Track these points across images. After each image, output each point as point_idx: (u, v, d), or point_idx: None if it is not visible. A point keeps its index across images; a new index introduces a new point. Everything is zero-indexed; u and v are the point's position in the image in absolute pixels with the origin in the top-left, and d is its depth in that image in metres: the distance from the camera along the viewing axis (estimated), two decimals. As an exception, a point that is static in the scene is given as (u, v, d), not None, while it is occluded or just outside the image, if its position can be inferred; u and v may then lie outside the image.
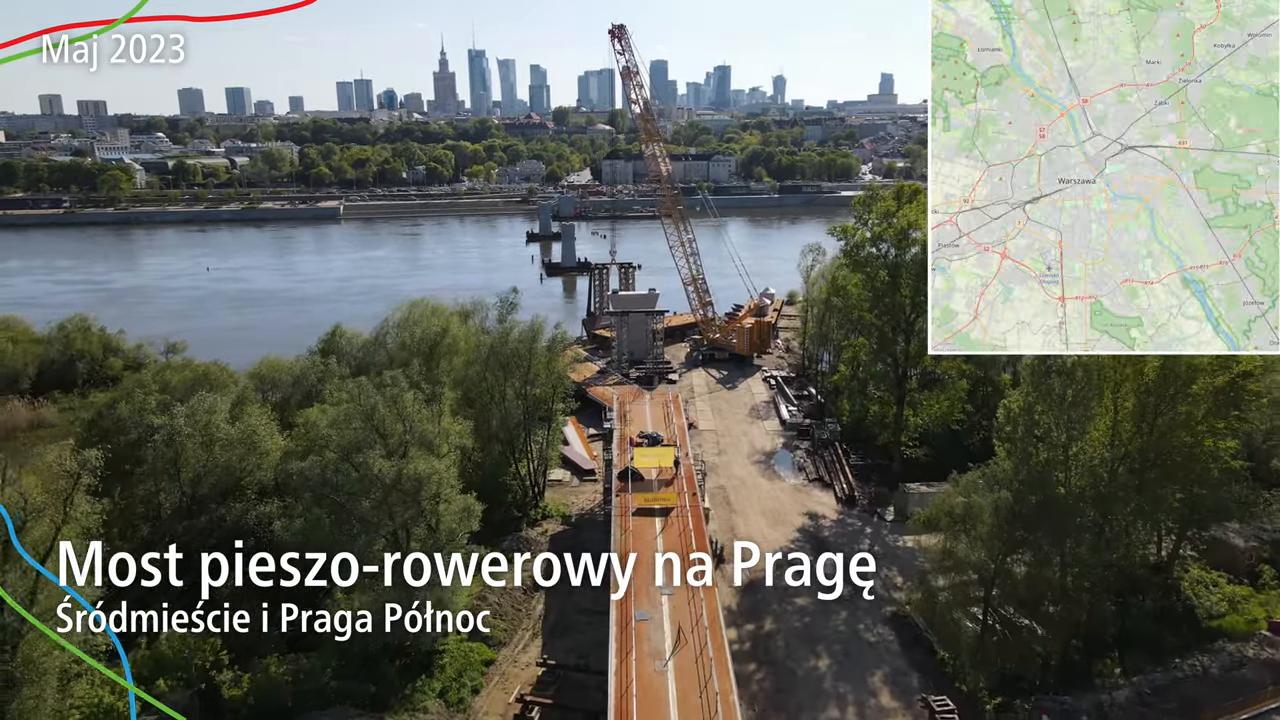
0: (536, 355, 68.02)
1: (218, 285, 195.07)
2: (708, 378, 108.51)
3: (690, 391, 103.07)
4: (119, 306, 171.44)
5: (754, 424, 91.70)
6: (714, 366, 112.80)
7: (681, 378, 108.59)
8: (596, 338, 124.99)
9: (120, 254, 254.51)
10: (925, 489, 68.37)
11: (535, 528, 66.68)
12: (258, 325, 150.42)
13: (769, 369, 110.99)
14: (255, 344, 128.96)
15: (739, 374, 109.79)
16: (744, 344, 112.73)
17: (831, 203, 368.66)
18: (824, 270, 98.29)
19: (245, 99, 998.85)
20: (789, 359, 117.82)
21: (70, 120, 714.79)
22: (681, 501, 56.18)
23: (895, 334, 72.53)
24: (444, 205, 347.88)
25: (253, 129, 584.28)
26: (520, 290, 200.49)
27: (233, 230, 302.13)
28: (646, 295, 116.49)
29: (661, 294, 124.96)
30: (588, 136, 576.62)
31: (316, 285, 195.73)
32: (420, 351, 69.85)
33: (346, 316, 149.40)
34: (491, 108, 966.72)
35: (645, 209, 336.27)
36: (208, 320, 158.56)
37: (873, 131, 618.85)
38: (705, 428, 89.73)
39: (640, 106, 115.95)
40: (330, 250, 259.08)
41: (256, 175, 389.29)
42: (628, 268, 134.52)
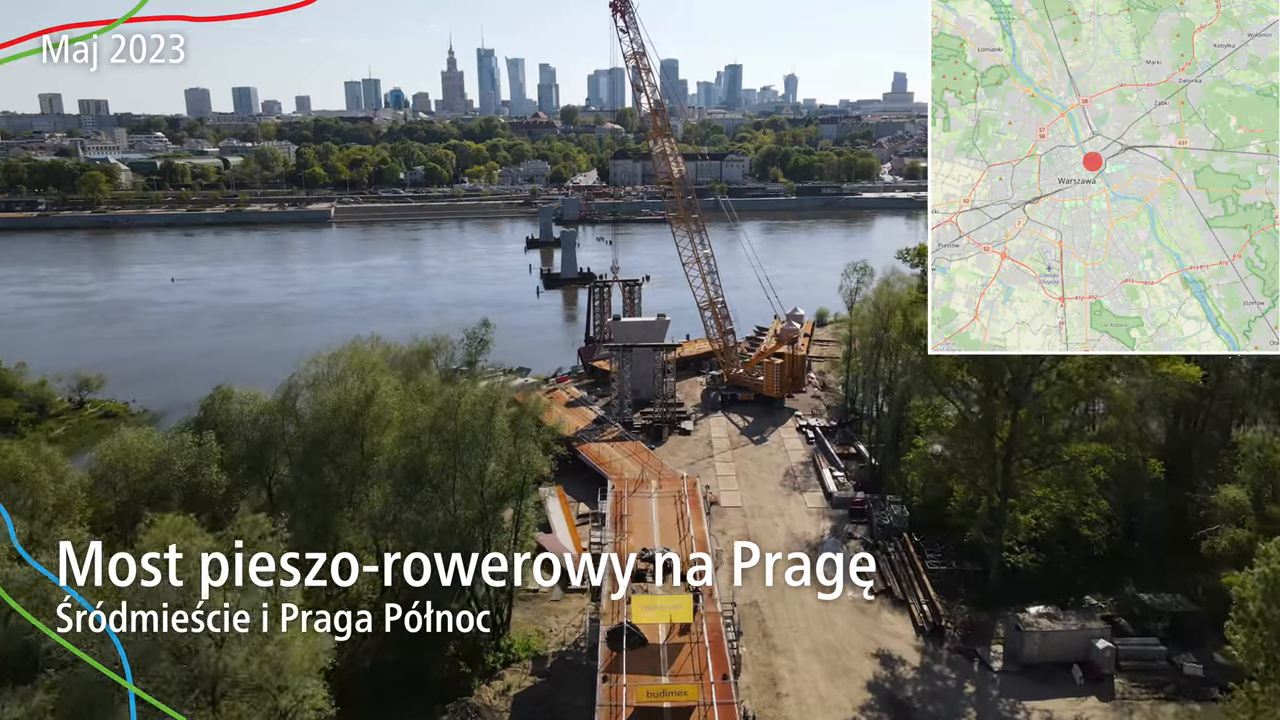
0: (496, 435, 48.18)
1: (211, 299, 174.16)
2: (729, 426, 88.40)
3: (708, 446, 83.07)
4: (93, 325, 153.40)
5: (791, 497, 71.63)
6: (736, 410, 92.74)
7: (697, 425, 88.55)
8: (594, 371, 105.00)
9: (97, 260, 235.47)
10: (1048, 624, 48.31)
11: (493, 683, 46.86)
12: (232, 349, 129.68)
13: (803, 414, 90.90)
14: (214, 375, 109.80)
15: (767, 420, 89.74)
16: (773, 383, 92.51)
17: (853, 205, 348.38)
18: (879, 295, 77.80)
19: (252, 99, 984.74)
20: (826, 399, 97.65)
21: (70, 120, 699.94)
22: (705, 695, 36.03)
23: (998, 398, 52.38)
24: (442, 208, 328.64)
25: (253, 129, 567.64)
26: (515, 305, 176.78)
27: (219, 234, 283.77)
28: (654, 323, 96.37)
29: (674, 310, 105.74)
30: (596, 136, 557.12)
31: (312, 299, 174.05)
32: (339, 425, 50.39)
33: (339, 337, 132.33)
34: (500, 107, 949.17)
35: (654, 212, 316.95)
36: (179, 342, 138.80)
37: (890, 130, 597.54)
38: (730, 503, 69.80)
39: (648, 96, 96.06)
40: (323, 257, 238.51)
41: (247, 176, 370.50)
42: (633, 285, 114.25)
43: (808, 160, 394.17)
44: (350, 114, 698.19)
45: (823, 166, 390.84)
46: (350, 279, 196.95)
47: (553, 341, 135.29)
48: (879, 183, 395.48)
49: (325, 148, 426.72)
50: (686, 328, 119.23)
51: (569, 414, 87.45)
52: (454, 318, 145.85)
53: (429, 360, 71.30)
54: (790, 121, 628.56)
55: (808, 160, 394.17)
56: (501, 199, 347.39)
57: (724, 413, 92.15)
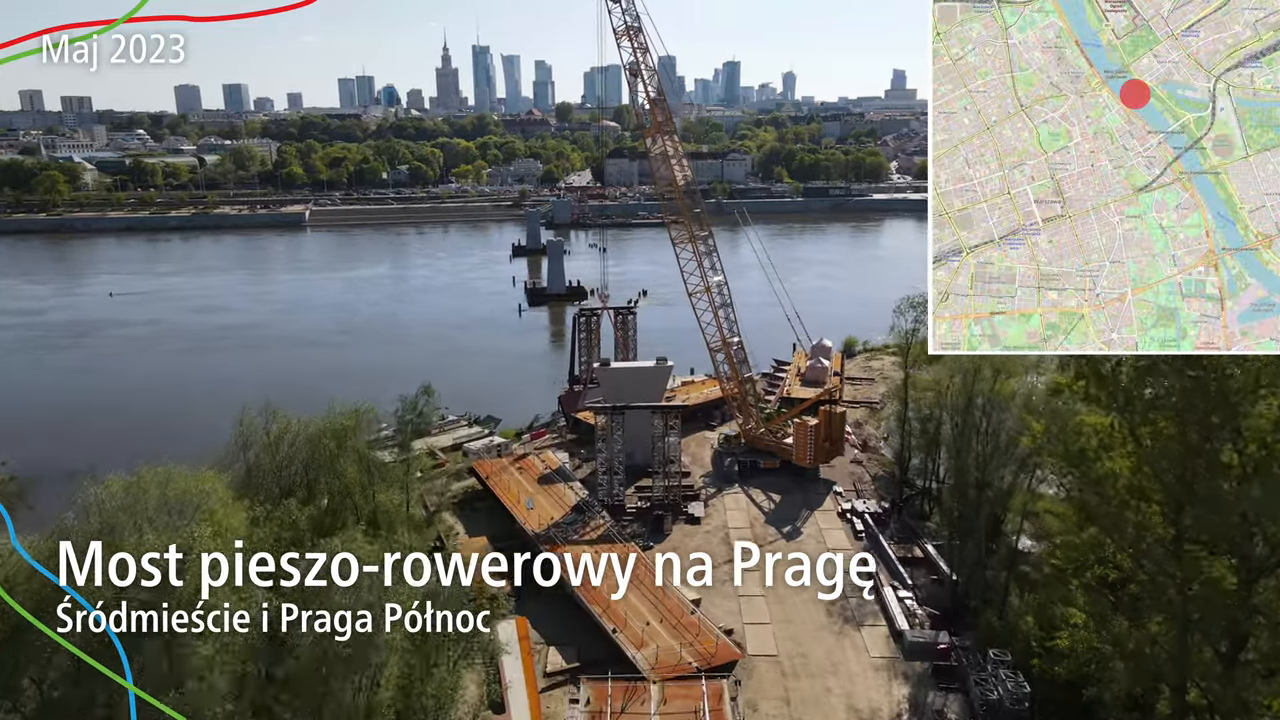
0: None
1: (179, 318, 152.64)
2: (750, 511, 68.27)
3: (724, 542, 62.95)
4: (34, 351, 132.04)
5: (844, 635, 51.56)
6: (757, 482, 72.69)
7: (709, 508, 68.40)
8: (578, 424, 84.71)
9: (54, 270, 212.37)
10: None
11: None
12: (175, 390, 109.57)
13: (843, 489, 70.93)
14: (132, 429, 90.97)
15: (798, 499, 69.74)
16: (805, 451, 72.18)
17: (862, 206, 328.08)
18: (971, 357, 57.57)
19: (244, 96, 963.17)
20: (868, 463, 77.58)
21: (50, 116, 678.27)
22: None
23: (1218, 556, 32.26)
24: (425, 210, 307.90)
25: (238, 126, 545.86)
26: (494, 325, 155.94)
27: (186, 239, 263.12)
28: (652, 370, 76.31)
29: (675, 328, 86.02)
30: (591, 134, 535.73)
31: (288, 320, 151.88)
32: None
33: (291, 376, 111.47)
34: (495, 104, 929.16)
35: (651, 215, 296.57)
36: (117, 379, 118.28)
37: (895, 128, 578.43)
38: (760, 649, 49.81)
39: (644, 83, 75.96)
40: (300, 265, 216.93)
41: (220, 176, 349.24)
42: (626, 315, 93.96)
43: (813, 159, 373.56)
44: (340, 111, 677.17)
45: (829, 166, 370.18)
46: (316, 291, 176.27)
47: (533, 377, 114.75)
48: (889, 183, 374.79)
49: (307, 146, 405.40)
50: (691, 358, 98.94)
51: (542, 495, 67.33)
52: (410, 353, 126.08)
53: (344, 445, 52.42)
54: (792, 119, 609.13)
55: (813, 159, 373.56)
56: (489, 201, 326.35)
57: (741, 487, 72.00)
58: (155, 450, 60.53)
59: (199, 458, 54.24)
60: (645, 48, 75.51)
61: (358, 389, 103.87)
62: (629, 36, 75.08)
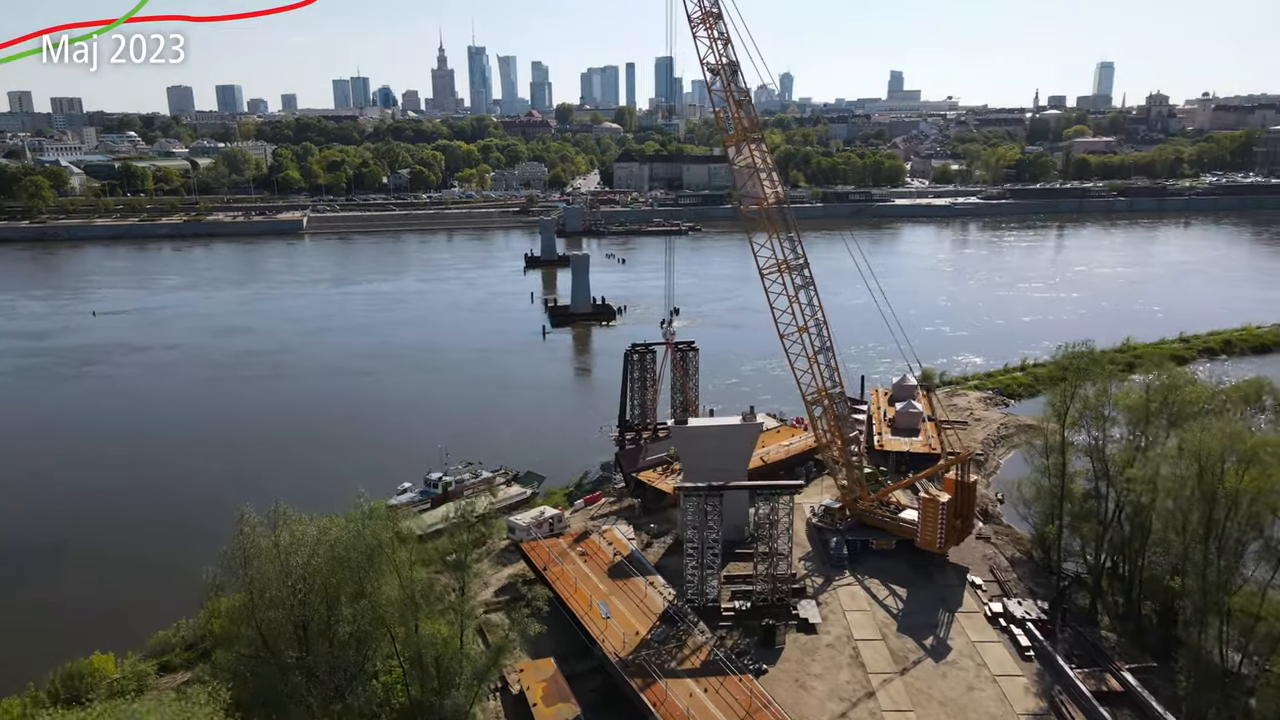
0: None
1: (197, 340, 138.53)
2: (876, 613, 54.66)
3: (855, 661, 49.41)
4: (41, 381, 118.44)
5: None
6: (869, 567, 59.27)
7: (823, 607, 54.85)
8: (640, 487, 71.11)
9: (47, 286, 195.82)
10: None
11: None
12: (157, 455, 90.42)
13: (981, 581, 57.58)
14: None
15: (930, 593, 56.38)
16: (935, 532, 58.65)
17: (884, 213, 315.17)
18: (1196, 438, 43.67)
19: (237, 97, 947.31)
20: (999, 542, 64.09)
21: (40, 118, 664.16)
22: None
23: None
24: (428, 217, 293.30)
25: (232, 128, 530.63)
26: (517, 352, 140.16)
27: (177, 249, 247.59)
28: (739, 430, 62.15)
29: (721, 359, 73.37)
30: (593, 136, 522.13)
31: (313, 344, 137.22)
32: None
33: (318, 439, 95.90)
34: (491, 105, 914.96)
35: (667, 221, 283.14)
36: (100, 434, 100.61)
37: (904, 130, 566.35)
38: None
39: (726, 83, 62.69)
40: (300, 277, 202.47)
41: (214, 180, 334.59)
42: (687, 350, 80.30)
43: (830, 162, 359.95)
44: (335, 113, 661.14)
45: (846, 170, 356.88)
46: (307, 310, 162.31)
47: (570, 413, 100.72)
48: (910, 187, 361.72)
49: (304, 148, 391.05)
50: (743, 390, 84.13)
51: (616, 595, 53.71)
52: (440, 384, 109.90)
53: (377, 556, 39.39)
54: (797, 120, 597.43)
55: (830, 162, 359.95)
56: (495, 206, 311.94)
57: (855, 576, 58.54)
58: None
59: (193, 556, 41.06)
60: (726, 38, 62.34)
61: (389, 435, 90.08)
62: (706, 25, 61.89)
